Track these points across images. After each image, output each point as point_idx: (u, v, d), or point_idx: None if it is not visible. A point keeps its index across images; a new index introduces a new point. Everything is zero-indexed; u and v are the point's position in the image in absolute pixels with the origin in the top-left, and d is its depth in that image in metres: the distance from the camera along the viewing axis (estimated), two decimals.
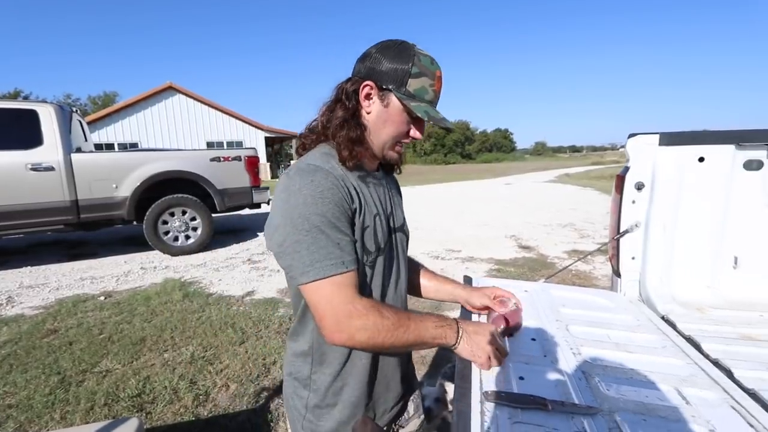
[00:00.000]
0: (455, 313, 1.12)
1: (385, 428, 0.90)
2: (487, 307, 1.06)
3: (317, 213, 0.70)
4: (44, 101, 4.95)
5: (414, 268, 1.09)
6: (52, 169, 4.63)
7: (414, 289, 1.09)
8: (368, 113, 0.80)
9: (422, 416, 1.03)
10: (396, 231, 0.89)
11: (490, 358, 0.83)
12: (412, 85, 0.76)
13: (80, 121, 5.88)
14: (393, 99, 0.77)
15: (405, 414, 0.97)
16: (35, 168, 4.56)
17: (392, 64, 0.76)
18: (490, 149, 67.50)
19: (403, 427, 0.97)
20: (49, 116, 4.68)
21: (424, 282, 1.11)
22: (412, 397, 1.00)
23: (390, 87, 0.77)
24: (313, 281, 0.70)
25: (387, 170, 0.94)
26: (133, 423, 1.54)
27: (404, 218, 0.95)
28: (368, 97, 0.79)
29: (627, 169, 1.43)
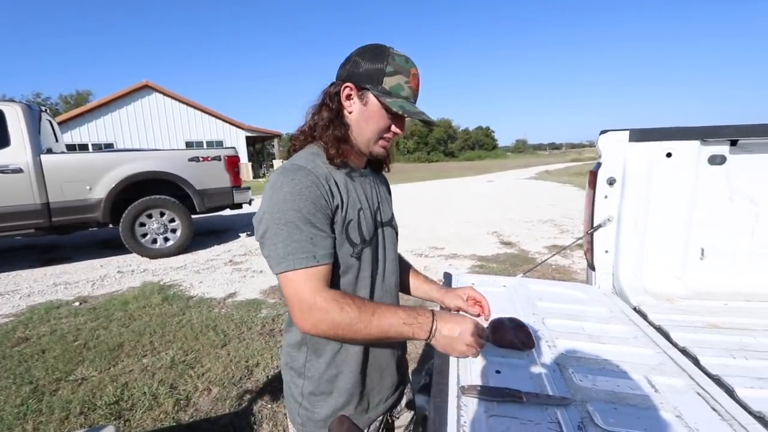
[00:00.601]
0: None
1: (380, 418, 0.93)
2: (459, 308, 1.08)
3: (294, 209, 0.75)
4: (11, 100, 4.74)
5: (403, 266, 1.12)
6: (20, 170, 4.45)
7: (403, 287, 1.12)
8: (350, 113, 0.85)
9: (412, 411, 1.05)
10: (384, 225, 0.93)
11: (465, 349, 0.80)
12: (388, 83, 0.81)
13: (50, 121, 5.66)
14: (371, 97, 0.82)
15: (398, 406, 1.01)
16: (2, 170, 4.38)
17: (369, 65, 0.81)
18: (473, 147, 68.13)
19: (397, 419, 1.01)
20: (16, 116, 4.49)
21: (409, 280, 1.15)
22: (405, 390, 1.04)
23: (367, 86, 0.82)
24: (285, 272, 0.75)
25: (375, 168, 0.98)
26: (109, 431, 1.50)
27: (392, 214, 1.00)
28: (349, 97, 0.84)
29: (599, 165, 1.47)
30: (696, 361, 0.94)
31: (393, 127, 0.85)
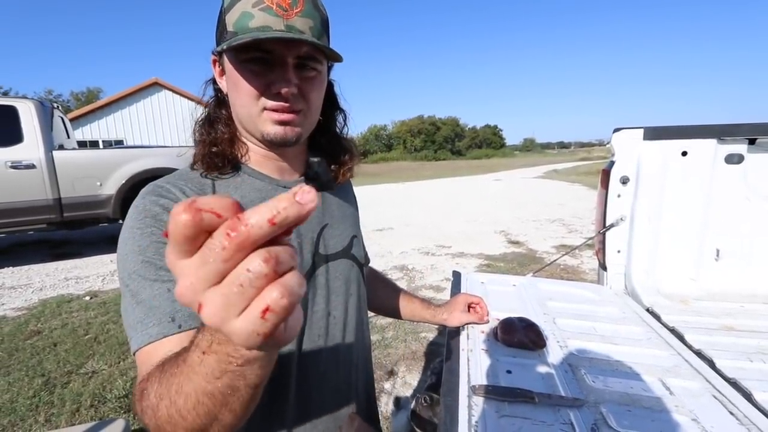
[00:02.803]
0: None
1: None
2: (468, 323, 1.04)
3: (135, 251, 0.51)
4: (24, 97, 4.82)
5: (389, 287, 1.01)
6: (33, 166, 4.51)
7: (392, 312, 1.01)
8: (227, 93, 0.61)
9: None
10: (330, 260, 0.67)
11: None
12: (230, 22, 0.54)
13: (62, 118, 5.74)
14: (225, 57, 0.57)
15: None
16: (15, 166, 4.44)
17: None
18: (480, 145, 67.83)
19: None
20: (29, 112, 4.56)
21: (399, 304, 1.01)
22: None
23: (218, 46, 0.57)
24: (137, 352, 0.48)
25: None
26: (119, 424, 1.52)
27: (353, 238, 0.73)
28: (221, 74, 0.61)
29: (612, 163, 1.45)
30: (712, 364, 0.93)
31: (273, 86, 0.55)
